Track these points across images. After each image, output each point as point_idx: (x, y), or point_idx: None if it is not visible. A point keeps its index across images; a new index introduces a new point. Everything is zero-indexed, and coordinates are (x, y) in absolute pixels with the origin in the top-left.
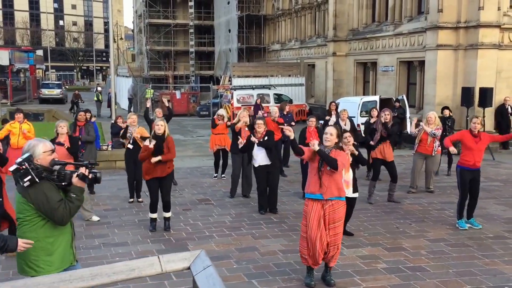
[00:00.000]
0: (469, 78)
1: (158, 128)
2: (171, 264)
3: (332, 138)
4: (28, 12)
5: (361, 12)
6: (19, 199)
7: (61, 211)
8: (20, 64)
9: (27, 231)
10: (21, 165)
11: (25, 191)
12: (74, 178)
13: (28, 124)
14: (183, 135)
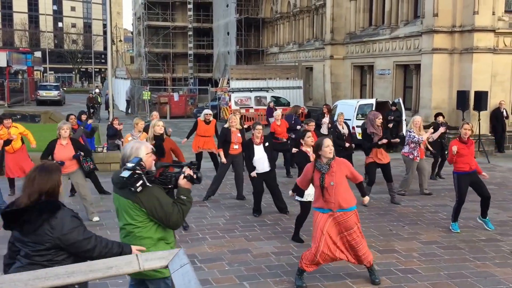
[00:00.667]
0: (464, 82)
1: (160, 128)
2: (149, 262)
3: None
4: (27, 14)
5: (358, 16)
6: (129, 205)
7: (176, 215)
8: (18, 65)
9: (141, 236)
10: (134, 170)
11: (136, 197)
12: (181, 179)
13: (15, 127)
14: (179, 137)
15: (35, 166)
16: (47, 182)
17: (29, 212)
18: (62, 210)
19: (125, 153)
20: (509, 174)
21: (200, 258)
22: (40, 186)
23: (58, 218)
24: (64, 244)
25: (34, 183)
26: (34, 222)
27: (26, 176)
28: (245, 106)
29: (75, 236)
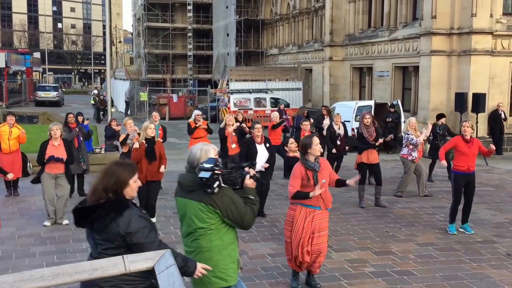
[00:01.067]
0: (462, 84)
1: (151, 131)
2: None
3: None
4: (26, 15)
5: (357, 18)
6: (201, 208)
7: (249, 215)
8: (17, 66)
9: (213, 239)
10: (213, 170)
11: (210, 198)
12: (248, 180)
13: (18, 128)
14: (178, 139)
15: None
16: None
17: (99, 210)
18: (130, 209)
19: (194, 155)
20: (507, 176)
21: None
22: (104, 183)
23: (125, 216)
24: (129, 243)
25: (101, 180)
26: (103, 220)
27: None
28: (244, 107)
29: (139, 236)
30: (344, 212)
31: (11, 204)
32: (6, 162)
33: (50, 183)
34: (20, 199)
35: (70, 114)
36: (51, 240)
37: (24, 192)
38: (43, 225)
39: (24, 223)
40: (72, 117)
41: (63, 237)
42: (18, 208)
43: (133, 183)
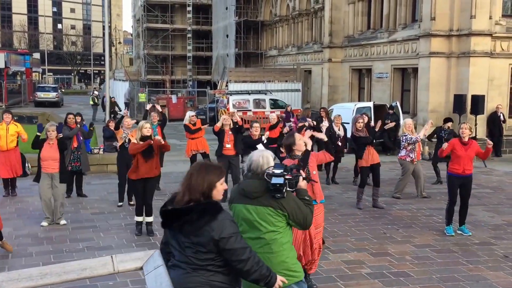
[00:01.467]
0: (461, 86)
1: (147, 130)
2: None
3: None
4: (26, 15)
5: (357, 19)
6: (270, 213)
7: (310, 215)
8: (16, 66)
9: (283, 241)
10: (284, 176)
11: (278, 202)
12: (301, 181)
13: (15, 125)
14: (178, 140)
15: (195, 163)
16: (203, 182)
17: (190, 213)
18: (223, 212)
19: (257, 163)
20: (506, 178)
21: None
22: (194, 185)
23: (219, 220)
24: (221, 248)
25: (189, 181)
26: (196, 223)
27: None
28: (243, 108)
29: (233, 242)
30: (342, 213)
31: (9, 204)
32: (2, 159)
33: (46, 183)
34: (18, 199)
35: (70, 114)
36: (48, 240)
37: (22, 192)
38: (40, 226)
39: (21, 223)
40: (72, 117)
41: (60, 237)
42: (16, 208)
43: (220, 186)
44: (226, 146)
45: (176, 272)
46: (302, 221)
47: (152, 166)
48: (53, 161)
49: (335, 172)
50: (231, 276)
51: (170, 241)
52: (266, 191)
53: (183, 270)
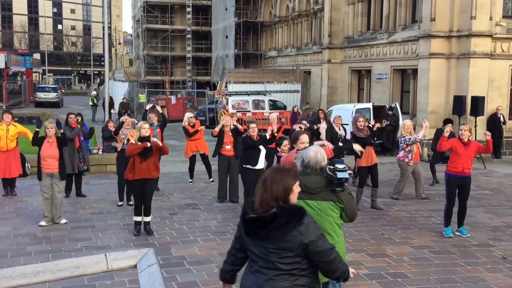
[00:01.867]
0: (461, 87)
1: (146, 131)
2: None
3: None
4: (27, 16)
5: (356, 20)
6: (331, 207)
7: (356, 209)
8: (16, 67)
9: (341, 232)
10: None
11: (337, 197)
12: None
13: (14, 125)
14: (178, 141)
15: (269, 169)
16: (280, 187)
17: (276, 219)
18: (307, 215)
19: (315, 159)
20: (505, 180)
21: (189, 260)
22: (272, 191)
23: (306, 223)
24: (311, 251)
25: (265, 188)
26: (283, 229)
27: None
28: (242, 109)
29: (321, 244)
30: None
31: (8, 203)
32: (2, 160)
33: (47, 182)
34: (17, 199)
35: (71, 114)
36: (46, 240)
37: (21, 192)
38: (39, 225)
39: (20, 223)
40: (74, 117)
41: (59, 236)
42: (15, 208)
43: (296, 189)
44: (226, 147)
45: (259, 278)
46: (352, 214)
47: (150, 167)
48: (54, 159)
49: None
50: (313, 277)
51: (249, 248)
52: (326, 186)
53: (266, 276)
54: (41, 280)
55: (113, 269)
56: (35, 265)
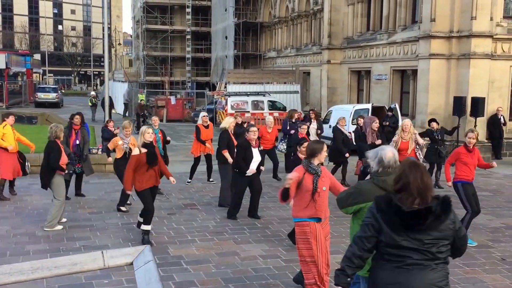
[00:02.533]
0: (461, 88)
1: (149, 136)
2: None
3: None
4: (27, 17)
5: (356, 21)
6: None
7: None
8: (17, 67)
9: None
10: None
11: None
12: None
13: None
14: (175, 141)
15: (413, 162)
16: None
17: (436, 208)
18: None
19: (394, 157)
20: (505, 181)
21: (186, 260)
22: (428, 183)
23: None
24: (458, 236)
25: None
26: (442, 217)
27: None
28: (241, 110)
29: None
30: (337, 214)
31: (8, 202)
32: (13, 161)
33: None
34: (17, 198)
35: (77, 115)
36: (45, 239)
37: (20, 191)
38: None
39: (19, 222)
40: (79, 117)
41: (57, 236)
42: (14, 207)
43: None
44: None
45: (418, 272)
46: None
47: (157, 174)
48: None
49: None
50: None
51: (398, 243)
52: None
53: (427, 267)
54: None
55: (109, 266)
56: (32, 262)
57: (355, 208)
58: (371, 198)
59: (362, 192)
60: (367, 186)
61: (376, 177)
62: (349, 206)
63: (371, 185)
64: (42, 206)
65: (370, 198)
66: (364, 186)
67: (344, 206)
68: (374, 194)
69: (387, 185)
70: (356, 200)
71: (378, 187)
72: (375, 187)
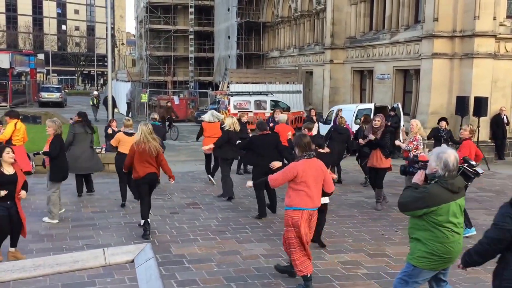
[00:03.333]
0: (464, 87)
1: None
2: (115, 257)
3: None
4: (31, 17)
5: (359, 20)
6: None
7: None
8: (21, 67)
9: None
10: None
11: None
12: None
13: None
14: (177, 140)
15: None
16: None
17: None
18: None
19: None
20: (509, 181)
21: (188, 259)
22: None
23: None
24: None
25: None
26: None
27: None
28: (244, 110)
29: None
30: (340, 214)
31: None
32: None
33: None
34: None
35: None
36: (48, 238)
37: None
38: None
39: None
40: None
41: (60, 234)
42: None
43: None
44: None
45: None
46: None
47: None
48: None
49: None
50: None
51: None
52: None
53: None
54: (40, 274)
55: (110, 263)
56: (34, 259)
57: (425, 211)
58: (442, 201)
59: (433, 196)
60: (438, 190)
61: (444, 181)
62: (418, 210)
63: (440, 189)
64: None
65: (441, 201)
66: (434, 190)
67: (411, 209)
68: (445, 197)
69: (455, 187)
70: (427, 204)
71: (447, 190)
72: (444, 190)
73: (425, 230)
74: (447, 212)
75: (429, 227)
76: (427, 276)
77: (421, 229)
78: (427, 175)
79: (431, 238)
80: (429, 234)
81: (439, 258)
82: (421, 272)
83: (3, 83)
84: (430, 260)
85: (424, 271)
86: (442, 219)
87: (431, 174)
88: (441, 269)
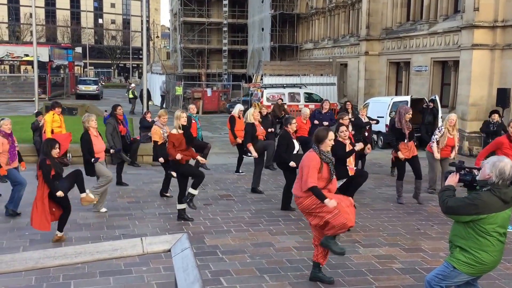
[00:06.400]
0: (505, 79)
1: (184, 119)
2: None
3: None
4: (69, 11)
5: (395, 11)
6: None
7: None
8: (59, 60)
9: None
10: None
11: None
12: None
13: None
14: (211, 132)
15: None
16: None
17: None
18: None
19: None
20: None
21: (222, 250)
22: None
23: None
24: None
25: None
26: None
27: None
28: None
29: None
30: (374, 208)
31: None
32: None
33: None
34: None
35: (119, 106)
36: (86, 227)
37: None
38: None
39: None
40: (121, 108)
41: (98, 223)
42: None
43: None
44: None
45: None
46: None
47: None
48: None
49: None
50: None
51: None
52: None
53: None
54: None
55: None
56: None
57: (474, 217)
58: (493, 210)
59: (486, 204)
60: (490, 198)
61: (497, 189)
62: (467, 215)
63: (492, 197)
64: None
65: (492, 209)
66: (487, 198)
67: (460, 214)
68: (496, 205)
69: (508, 197)
70: (479, 211)
71: (500, 199)
72: (496, 199)
73: (470, 238)
74: (495, 221)
75: (475, 234)
76: (463, 280)
77: (466, 237)
78: (479, 182)
79: (476, 246)
80: (474, 242)
81: (482, 266)
82: (459, 275)
83: (42, 76)
84: (474, 268)
85: (463, 274)
86: (489, 228)
87: (483, 181)
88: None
